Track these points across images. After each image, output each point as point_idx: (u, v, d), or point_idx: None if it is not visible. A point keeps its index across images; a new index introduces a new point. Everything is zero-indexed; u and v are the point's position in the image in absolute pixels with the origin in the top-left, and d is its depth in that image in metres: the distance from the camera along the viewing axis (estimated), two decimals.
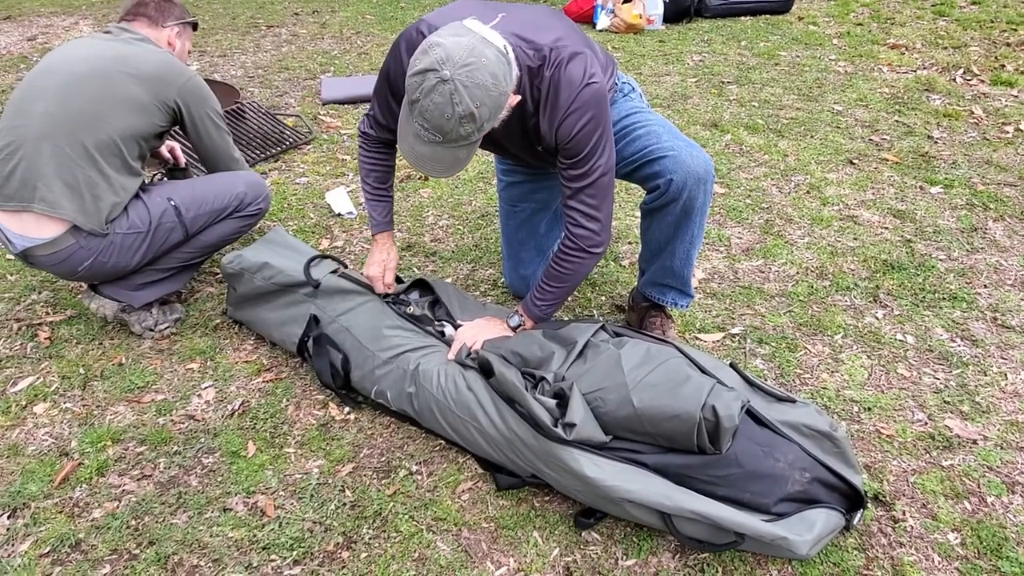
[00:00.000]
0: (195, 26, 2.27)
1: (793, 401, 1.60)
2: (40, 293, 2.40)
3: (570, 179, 1.65)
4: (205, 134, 2.14)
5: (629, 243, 2.64)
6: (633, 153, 1.79)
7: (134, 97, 1.94)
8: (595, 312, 2.29)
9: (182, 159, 2.39)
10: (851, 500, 1.53)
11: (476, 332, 1.79)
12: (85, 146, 1.88)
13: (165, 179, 2.33)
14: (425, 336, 1.84)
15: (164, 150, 2.34)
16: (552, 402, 1.54)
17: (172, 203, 2.04)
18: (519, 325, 1.82)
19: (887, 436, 1.80)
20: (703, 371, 1.58)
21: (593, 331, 1.71)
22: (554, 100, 1.55)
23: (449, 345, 1.80)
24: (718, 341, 2.13)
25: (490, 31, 1.42)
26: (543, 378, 1.60)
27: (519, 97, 1.53)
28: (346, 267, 2.07)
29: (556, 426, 1.50)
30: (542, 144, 1.65)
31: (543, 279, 1.78)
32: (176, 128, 2.12)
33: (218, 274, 2.47)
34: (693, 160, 1.72)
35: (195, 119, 2.09)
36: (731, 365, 1.66)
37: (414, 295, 1.98)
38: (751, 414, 1.53)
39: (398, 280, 2.11)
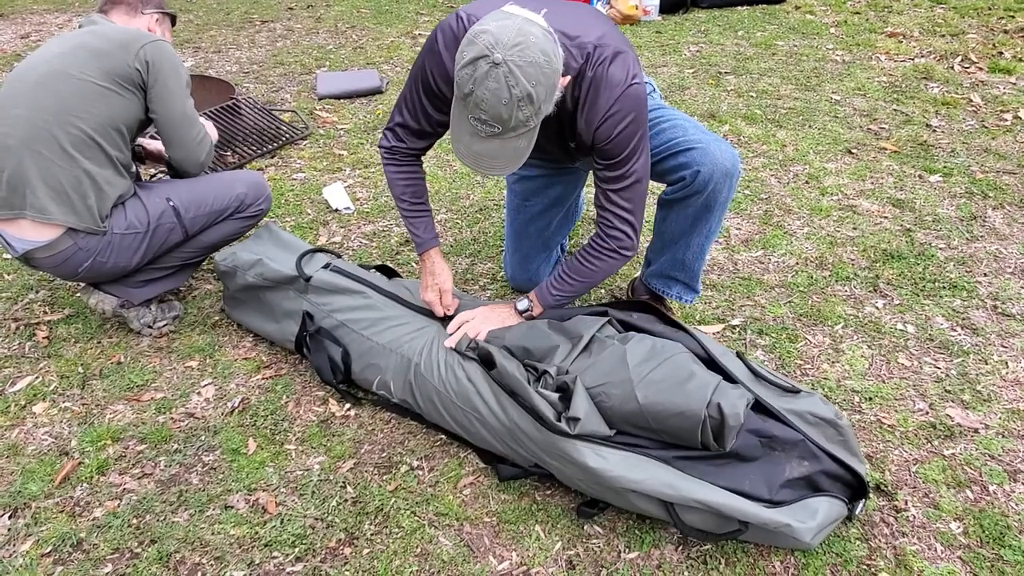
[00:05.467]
0: (173, 20, 2.20)
1: (797, 392, 1.59)
2: (37, 292, 2.39)
3: (605, 180, 1.63)
4: (167, 98, 1.95)
5: None
6: (659, 145, 1.77)
7: (92, 83, 1.86)
8: (595, 304, 2.28)
9: None
10: (854, 490, 1.53)
11: (479, 322, 1.77)
12: (62, 146, 1.84)
13: (166, 176, 2.30)
14: (425, 319, 1.84)
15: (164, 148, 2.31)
16: (555, 396, 1.54)
17: (171, 204, 2.01)
18: (527, 309, 1.80)
19: (888, 426, 1.80)
20: (711, 361, 1.58)
21: (599, 325, 1.70)
22: (594, 99, 1.53)
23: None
24: (718, 333, 2.13)
25: (531, 12, 1.38)
26: (545, 371, 1.59)
27: (569, 78, 1.50)
28: (339, 257, 2.05)
29: (559, 420, 1.50)
30: (576, 140, 1.63)
31: (566, 271, 1.75)
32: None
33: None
34: (721, 154, 1.72)
35: (158, 80, 1.92)
36: (737, 354, 1.65)
37: None
38: (755, 402, 1.52)
39: (390, 272, 2.10)
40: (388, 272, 2.09)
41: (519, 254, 2.23)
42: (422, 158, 1.87)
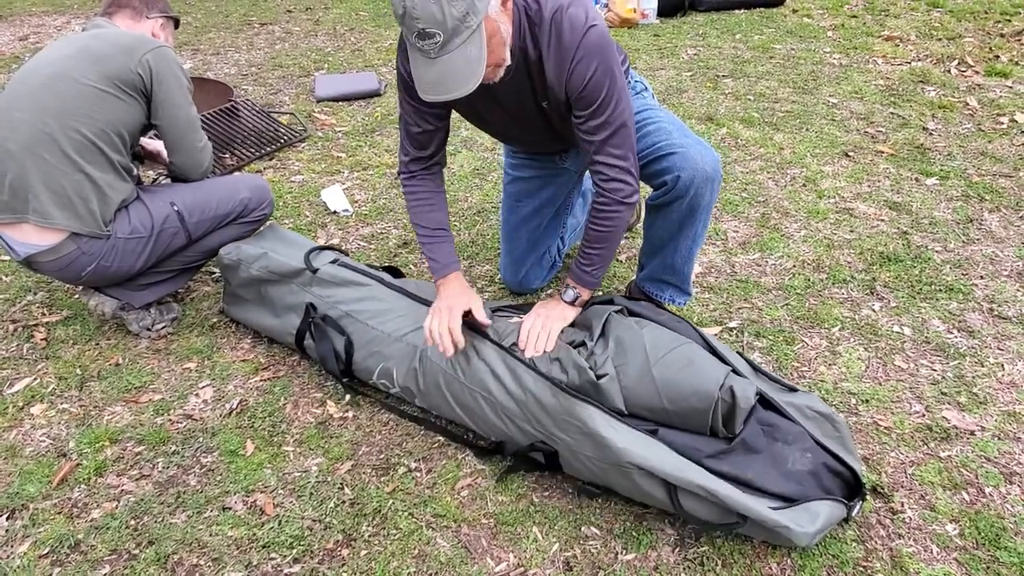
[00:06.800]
0: (176, 24, 2.20)
1: (795, 390, 1.62)
2: (36, 294, 2.39)
3: (590, 132, 1.62)
4: (171, 105, 1.97)
5: (625, 238, 2.63)
6: (642, 149, 1.78)
7: (93, 87, 1.86)
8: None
9: None
10: (850, 487, 1.54)
11: (544, 322, 1.71)
12: (63, 150, 1.84)
13: (167, 180, 2.30)
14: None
15: (164, 150, 2.31)
16: (586, 364, 1.57)
17: (175, 208, 2.01)
18: (575, 298, 1.76)
19: (885, 428, 1.81)
20: (715, 353, 1.61)
21: (609, 312, 1.72)
22: (557, 44, 1.54)
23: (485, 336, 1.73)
24: (716, 335, 2.13)
25: None
26: (583, 341, 1.64)
27: None
28: (346, 255, 2.06)
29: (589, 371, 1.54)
30: (548, 98, 1.63)
31: (585, 244, 1.74)
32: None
33: (214, 273, 2.46)
34: (702, 158, 1.72)
35: (161, 87, 1.93)
36: (738, 353, 1.68)
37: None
38: (758, 395, 1.54)
39: (398, 273, 2.11)
40: (395, 273, 2.10)
41: (511, 256, 2.24)
42: (442, 174, 1.86)
